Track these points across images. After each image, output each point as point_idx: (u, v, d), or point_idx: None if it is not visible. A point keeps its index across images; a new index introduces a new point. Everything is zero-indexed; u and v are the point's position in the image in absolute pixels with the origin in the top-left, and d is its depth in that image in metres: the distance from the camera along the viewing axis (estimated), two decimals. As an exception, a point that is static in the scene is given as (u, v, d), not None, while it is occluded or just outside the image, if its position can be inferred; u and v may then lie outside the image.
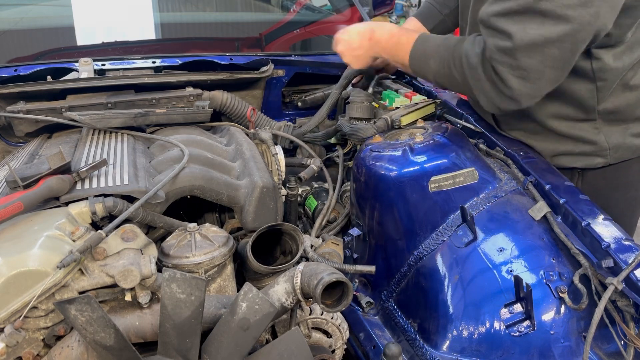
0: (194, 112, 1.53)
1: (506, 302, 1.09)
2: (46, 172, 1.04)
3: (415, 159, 1.25)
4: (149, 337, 0.96)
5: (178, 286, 0.85)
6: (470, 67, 1.17)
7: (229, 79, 1.64)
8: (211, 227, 1.15)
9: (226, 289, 1.13)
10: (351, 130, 1.46)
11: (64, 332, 0.95)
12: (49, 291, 0.90)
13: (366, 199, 1.33)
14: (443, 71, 1.24)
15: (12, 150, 1.54)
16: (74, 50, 1.89)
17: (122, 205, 1.07)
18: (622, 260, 1.02)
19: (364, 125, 1.45)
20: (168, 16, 2.13)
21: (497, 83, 1.12)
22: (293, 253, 1.23)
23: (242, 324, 0.88)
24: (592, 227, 1.09)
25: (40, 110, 1.41)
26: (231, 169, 1.35)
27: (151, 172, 1.24)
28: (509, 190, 1.26)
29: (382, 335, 1.25)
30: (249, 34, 2.25)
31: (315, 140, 1.69)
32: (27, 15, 1.97)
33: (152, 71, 1.62)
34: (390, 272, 1.27)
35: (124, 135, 1.40)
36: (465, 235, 1.18)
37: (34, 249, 0.89)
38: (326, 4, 2.54)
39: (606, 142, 1.28)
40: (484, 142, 1.45)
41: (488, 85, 1.15)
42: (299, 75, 1.85)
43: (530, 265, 1.12)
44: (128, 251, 0.99)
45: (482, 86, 1.16)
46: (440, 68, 1.24)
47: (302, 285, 0.97)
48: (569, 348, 1.06)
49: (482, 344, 1.08)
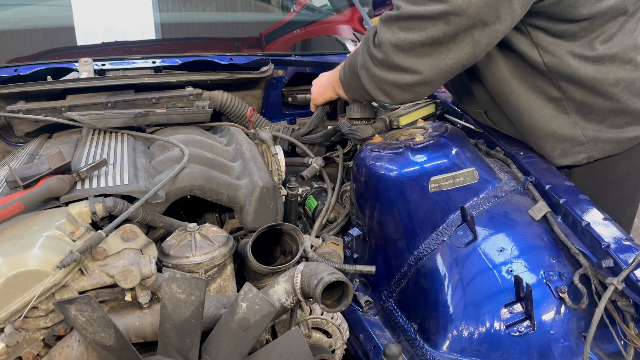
0: (194, 112, 1.53)
1: (506, 302, 1.09)
2: (46, 172, 1.04)
3: (415, 159, 1.25)
4: (149, 337, 0.96)
5: (178, 286, 0.85)
6: (358, 52, 1.28)
7: (229, 79, 1.64)
8: (211, 227, 1.15)
9: (226, 289, 1.13)
10: (350, 131, 1.46)
11: (64, 332, 0.95)
12: (49, 291, 0.90)
13: (366, 199, 1.33)
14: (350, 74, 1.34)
15: (12, 150, 1.54)
16: (74, 50, 1.89)
17: (122, 205, 1.07)
18: (622, 260, 1.02)
19: (363, 126, 1.46)
20: (168, 16, 2.13)
21: (374, 51, 1.20)
22: (293, 253, 1.23)
23: (242, 324, 0.88)
24: (592, 227, 1.09)
25: (40, 110, 1.41)
26: (231, 169, 1.35)
27: (151, 172, 1.24)
28: (509, 190, 1.26)
29: (382, 335, 1.25)
30: (249, 34, 2.25)
31: (315, 141, 1.69)
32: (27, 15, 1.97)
33: (152, 71, 1.62)
34: (390, 272, 1.27)
35: (124, 135, 1.40)
36: (465, 235, 1.18)
37: (34, 249, 0.89)
38: (326, 4, 2.54)
39: (583, 135, 1.28)
40: (484, 142, 1.45)
41: (366, 56, 1.23)
42: (299, 75, 1.85)
43: (530, 265, 1.12)
44: (128, 251, 0.99)
45: (363, 62, 1.24)
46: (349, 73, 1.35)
47: (302, 285, 0.97)
48: (569, 348, 1.06)
49: (482, 344, 1.08)
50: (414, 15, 1.10)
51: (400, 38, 1.13)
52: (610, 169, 1.35)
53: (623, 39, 1.20)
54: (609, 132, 1.29)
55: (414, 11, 1.10)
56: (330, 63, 1.89)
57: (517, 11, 1.07)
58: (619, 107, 1.26)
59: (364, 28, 2.18)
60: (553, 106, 1.27)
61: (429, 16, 1.08)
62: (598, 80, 1.21)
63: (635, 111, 1.27)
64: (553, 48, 1.19)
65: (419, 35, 1.11)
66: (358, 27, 2.21)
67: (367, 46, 1.24)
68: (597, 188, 1.28)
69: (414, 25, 1.11)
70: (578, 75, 1.20)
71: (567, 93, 1.24)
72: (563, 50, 1.19)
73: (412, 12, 1.10)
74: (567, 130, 1.28)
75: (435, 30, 1.09)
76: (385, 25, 1.17)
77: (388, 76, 1.20)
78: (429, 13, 1.08)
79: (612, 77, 1.22)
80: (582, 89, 1.23)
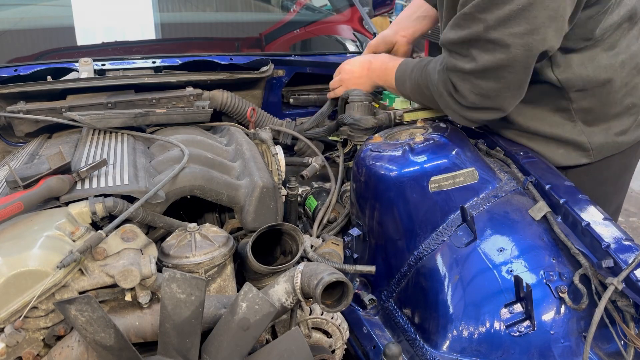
0: (194, 112, 1.53)
1: (506, 302, 1.09)
2: (46, 172, 1.04)
3: (415, 159, 1.25)
4: (149, 337, 0.96)
5: (178, 286, 0.85)
6: (432, 83, 1.28)
7: (229, 79, 1.64)
8: (211, 227, 1.15)
9: (226, 289, 1.13)
10: (353, 121, 1.47)
11: (64, 332, 0.95)
12: (49, 291, 0.90)
13: (366, 199, 1.33)
14: (418, 90, 1.36)
15: (12, 150, 1.54)
16: (74, 50, 1.89)
17: (122, 205, 1.07)
18: (622, 260, 1.02)
19: (366, 117, 1.47)
20: (168, 16, 2.13)
21: (458, 99, 1.22)
22: (293, 253, 1.23)
23: (242, 324, 0.88)
24: (592, 227, 1.09)
25: (40, 110, 1.41)
26: (231, 169, 1.35)
27: (151, 172, 1.24)
28: (509, 190, 1.26)
29: (382, 335, 1.25)
30: (249, 34, 2.25)
31: (317, 135, 1.69)
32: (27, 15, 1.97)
33: (152, 71, 1.62)
34: (390, 272, 1.27)
35: (124, 135, 1.40)
36: (465, 235, 1.18)
37: (34, 249, 0.89)
38: (326, 4, 2.54)
39: (589, 142, 1.30)
40: (484, 142, 1.45)
41: (450, 100, 1.24)
42: (299, 75, 1.85)
43: (530, 265, 1.12)
44: (128, 251, 0.99)
45: (446, 101, 1.26)
46: (416, 87, 1.37)
47: (302, 285, 0.97)
48: (569, 348, 1.06)
49: (482, 344, 1.08)
50: (491, 67, 1.11)
51: (484, 88, 1.16)
52: (605, 166, 1.37)
53: (630, 44, 1.23)
54: (613, 137, 1.31)
55: (490, 63, 1.11)
56: (330, 63, 1.89)
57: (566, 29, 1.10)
58: (621, 111, 1.28)
59: (364, 28, 2.18)
60: (560, 114, 1.29)
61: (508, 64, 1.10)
62: (607, 87, 1.23)
63: (638, 114, 1.29)
64: (566, 64, 1.21)
65: (501, 83, 1.14)
66: (358, 27, 2.21)
67: (448, 91, 1.24)
68: (590, 184, 1.29)
69: (493, 74, 1.13)
70: (590, 85, 1.23)
71: (576, 103, 1.26)
72: (575, 65, 1.21)
73: (488, 65, 1.11)
74: (573, 136, 1.30)
75: (517, 74, 1.12)
76: (459, 77, 1.19)
77: (481, 115, 1.24)
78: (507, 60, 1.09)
79: (619, 83, 1.24)
80: (591, 96, 1.25)
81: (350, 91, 1.52)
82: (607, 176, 1.40)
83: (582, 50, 1.21)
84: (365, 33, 2.16)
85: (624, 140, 1.32)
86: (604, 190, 1.39)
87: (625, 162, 1.41)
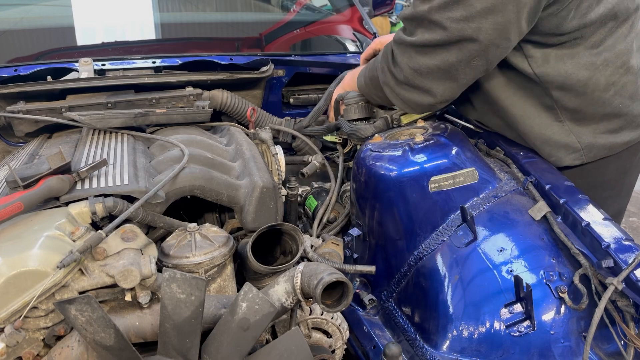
0: (194, 112, 1.53)
1: (506, 302, 1.09)
2: (46, 172, 1.04)
3: (415, 159, 1.25)
4: (149, 337, 0.96)
5: (178, 286, 0.85)
6: (377, 62, 1.35)
7: (229, 79, 1.64)
8: (211, 227, 1.15)
9: (226, 289, 1.13)
10: (351, 131, 1.47)
11: (64, 332, 0.95)
12: (49, 291, 0.90)
13: (366, 199, 1.33)
14: (372, 81, 1.41)
15: (12, 150, 1.54)
16: (74, 50, 1.89)
17: (122, 205, 1.07)
18: (622, 260, 1.02)
19: (364, 126, 1.46)
20: (168, 16, 2.13)
21: (395, 72, 1.27)
22: (293, 253, 1.23)
23: (242, 324, 0.88)
24: (592, 227, 1.09)
25: (40, 110, 1.41)
26: (231, 169, 1.35)
27: (151, 172, 1.24)
28: (509, 190, 1.26)
29: (382, 335, 1.25)
30: (249, 34, 2.25)
31: (317, 133, 1.69)
32: (27, 15, 1.97)
33: (152, 71, 1.62)
34: (390, 272, 1.27)
35: (124, 135, 1.40)
36: (465, 235, 1.18)
37: (34, 249, 0.89)
38: (326, 4, 2.54)
39: (578, 142, 1.29)
40: (484, 142, 1.45)
41: (388, 74, 1.29)
42: (299, 75, 1.85)
43: (530, 265, 1.12)
44: (128, 251, 0.99)
45: (384, 76, 1.31)
46: (369, 78, 1.42)
47: (302, 285, 0.97)
48: (569, 348, 1.06)
49: (482, 344, 1.08)
50: (428, 43, 1.17)
51: (418, 63, 1.21)
52: (600, 170, 1.36)
53: (615, 43, 1.22)
54: (604, 137, 1.30)
55: (428, 40, 1.16)
56: (330, 63, 1.89)
57: (524, 28, 1.13)
58: (612, 112, 1.27)
59: (364, 28, 2.18)
60: (547, 114, 1.29)
61: (443, 44, 1.15)
62: (589, 86, 1.22)
63: (628, 115, 1.28)
64: (543, 58, 1.22)
65: (435, 60, 1.18)
66: (358, 27, 2.21)
67: (388, 64, 1.29)
68: (586, 187, 1.29)
69: (429, 51, 1.18)
70: (570, 82, 1.22)
71: (560, 101, 1.25)
72: (553, 60, 1.21)
73: (426, 41, 1.17)
74: (562, 137, 1.29)
75: (449, 55, 1.16)
76: (400, 49, 1.24)
77: (412, 95, 1.28)
78: (442, 41, 1.14)
79: (604, 82, 1.23)
80: (574, 96, 1.24)
81: (345, 93, 1.52)
82: (603, 180, 1.39)
83: (562, 47, 1.20)
84: (365, 33, 2.16)
85: (616, 140, 1.30)
86: (599, 194, 1.37)
87: (622, 166, 1.39)
